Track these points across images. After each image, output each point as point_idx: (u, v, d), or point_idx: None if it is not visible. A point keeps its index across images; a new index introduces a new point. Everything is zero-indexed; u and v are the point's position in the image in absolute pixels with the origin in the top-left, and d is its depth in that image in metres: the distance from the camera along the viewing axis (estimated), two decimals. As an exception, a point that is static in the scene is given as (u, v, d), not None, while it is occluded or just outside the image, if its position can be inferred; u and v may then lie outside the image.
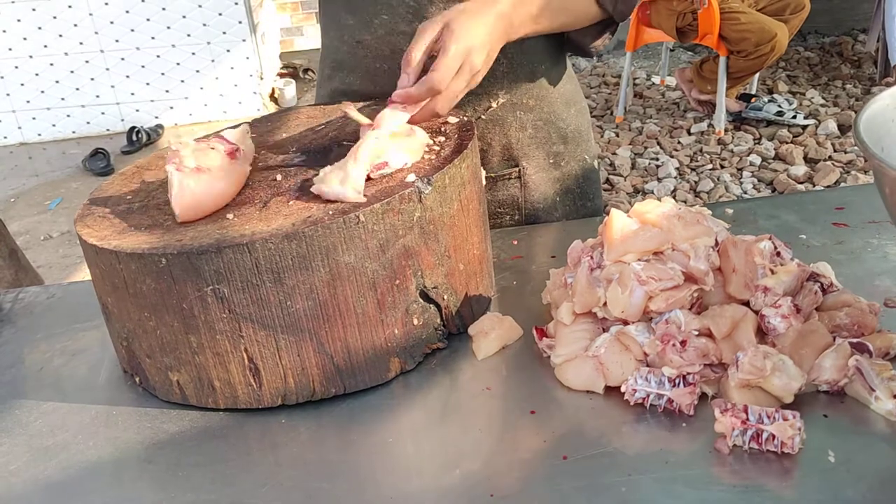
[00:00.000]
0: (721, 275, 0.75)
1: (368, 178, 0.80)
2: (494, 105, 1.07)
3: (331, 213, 0.74)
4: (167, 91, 4.27)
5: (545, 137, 1.11)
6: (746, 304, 0.74)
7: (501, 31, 0.89)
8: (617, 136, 3.80)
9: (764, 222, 1.00)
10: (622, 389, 0.72)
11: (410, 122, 0.85)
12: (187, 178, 0.78)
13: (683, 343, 0.71)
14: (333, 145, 0.92)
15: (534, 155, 1.11)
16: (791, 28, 3.56)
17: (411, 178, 0.79)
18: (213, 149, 0.83)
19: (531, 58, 1.07)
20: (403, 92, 0.84)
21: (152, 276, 0.74)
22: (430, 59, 0.86)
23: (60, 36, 4.12)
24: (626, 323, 0.75)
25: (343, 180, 0.77)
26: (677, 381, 0.70)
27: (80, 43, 4.14)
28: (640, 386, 0.71)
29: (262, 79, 4.32)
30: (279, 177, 0.86)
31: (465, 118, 0.93)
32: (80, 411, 0.81)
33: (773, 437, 0.63)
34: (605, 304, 0.76)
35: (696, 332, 0.72)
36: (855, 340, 0.70)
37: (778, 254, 0.77)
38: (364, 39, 1.06)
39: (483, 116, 1.08)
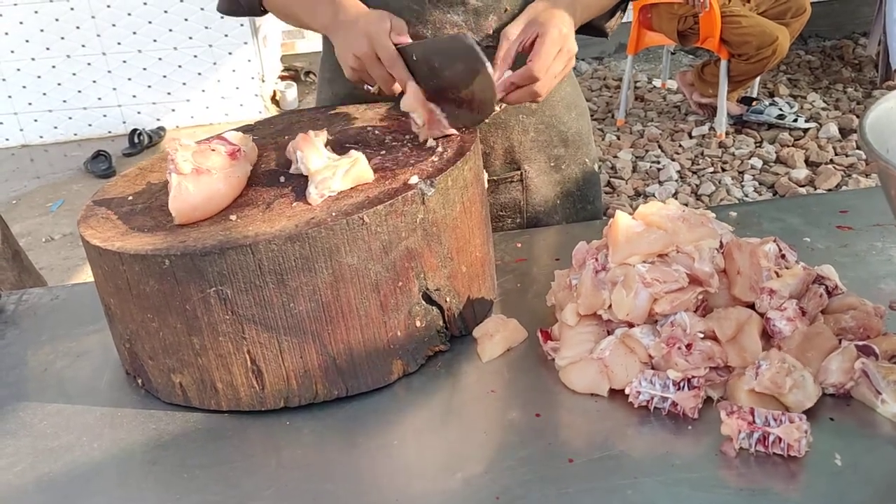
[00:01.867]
0: (726, 277, 0.75)
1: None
2: (497, 108, 1.07)
3: (334, 214, 0.74)
4: (169, 93, 4.27)
5: (547, 141, 1.11)
6: (751, 306, 0.74)
7: (576, 20, 0.94)
8: (618, 139, 3.80)
9: (768, 225, 1.00)
10: (626, 392, 0.72)
11: (507, 101, 0.91)
12: (186, 181, 0.78)
13: (689, 346, 0.71)
14: (336, 147, 0.92)
15: (535, 158, 1.11)
16: (792, 31, 3.56)
17: (414, 179, 0.79)
18: (213, 150, 0.83)
19: None
20: (506, 81, 0.89)
21: (155, 278, 0.74)
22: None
23: (62, 38, 4.12)
24: (631, 325, 0.75)
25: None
26: (682, 384, 0.70)
27: (83, 45, 4.14)
28: (644, 388, 0.71)
29: (263, 81, 4.32)
30: (282, 178, 0.85)
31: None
32: (85, 413, 0.81)
33: (780, 439, 0.63)
34: (609, 306, 0.75)
35: (702, 335, 0.71)
36: (861, 343, 0.70)
37: (783, 256, 0.77)
38: None
39: (486, 120, 1.08)
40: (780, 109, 3.71)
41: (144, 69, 4.21)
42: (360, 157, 0.81)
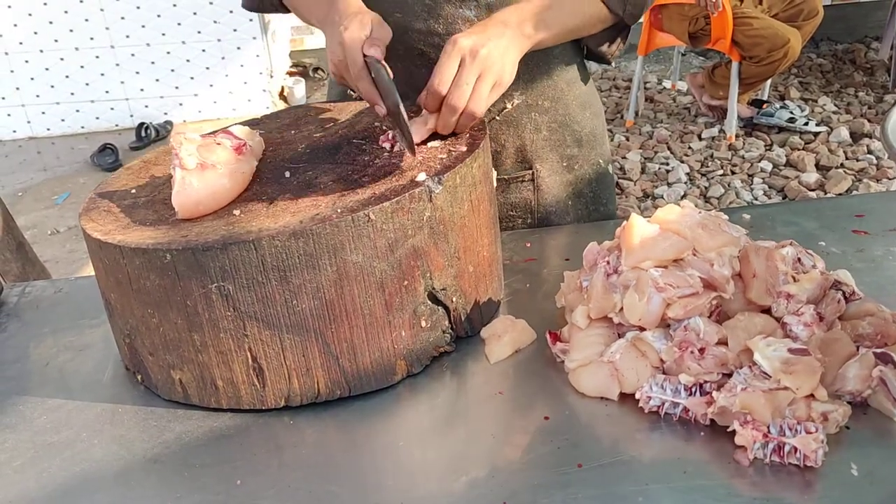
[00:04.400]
0: (741, 281, 0.74)
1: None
2: (509, 106, 1.06)
3: (339, 210, 0.73)
4: (177, 87, 4.27)
5: (559, 140, 1.10)
6: (767, 311, 0.72)
7: (516, 34, 0.89)
8: (627, 140, 3.78)
9: (782, 229, 0.98)
10: (637, 396, 0.70)
11: (439, 130, 0.86)
12: (190, 176, 0.77)
13: (702, 351, 0.69)
14: (343, 143, 0.90)
15: (547, 157, 1.09)
16: (804, 34, 3.53)
17: (422, 177, 0.77)
18: (219, 144, 0.82)
19: (548, 59, 1.06)
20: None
21: (156, 272, 0.73)
22: None
23: (71, 31, 4.12)
24: (642, 329, 0.73)
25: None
26: (693, 389, 0.68)
27: (91, 38, 4.14)
28: (655, 393, 0.69)
29: (271, 77, 4.32)
30: (287, 174, 0.84)
31: (478, 117, 0.92)
32: (86, 408, 0.80)
33: (796, 450, 0.62)
34: (621, 309, 0.74)
35: (716, 341, 0.70)
36: (879, 351, 0.68)
37: (798, 260, 0.75)
38: None
39: (497, 118, 1.06)
40: (791, 112, 3.68)
41: (153, 63, 4.21)
42: None
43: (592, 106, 1.14)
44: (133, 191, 0.87)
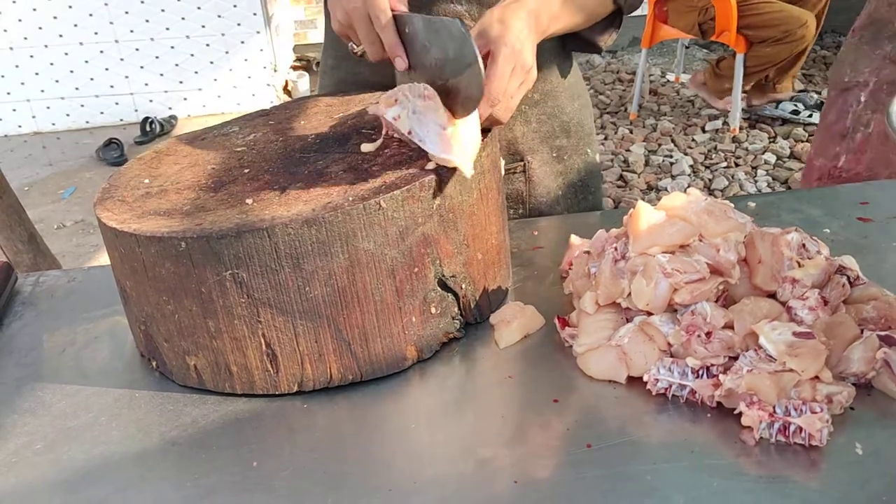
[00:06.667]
0: (747, 266, 0.75)
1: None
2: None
3: (351, 199, 0.74)
4: (181, 82, 4.28)
5: (549, 132, 1.11)
6: (773, 295, 0.73)
7: (534, 27, 0.86)
8: (631, 132, 3.78)
9: (787, 216, 0.99)
10: (644, 379, 0.71)
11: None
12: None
13: (709, 334, 0.70)
14: (353, 132, 0.92)
15: (538, 149, 1.11)
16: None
17: (431, 165, 0.78)
18: None
19: (538, 52, 1.06)
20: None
21: (171, 260, 0.74)
22: None
23: (75, 25, 4.13)
24: (650, 313, 0.74)
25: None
26: (700, 372, 0.69)
27: (95, 33, 4.16)
28: (662, 376, 0.70)
29: (275, 71, 4.32)
30: (299, 163, 0.85)
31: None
32: (103, 394, 0.81)
33: (801, 429, 0.63)
34: (629, 295, 0.75)
35: (722, 325, 0.71)
36: (883, 333, 0.69)
37: (803, 246, 0.76)
38: None
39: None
40: (795, 105, 3.68)
41: (157, 57, 4.22)
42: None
43: (581, 97, 1.15)
44: (146, 181, 0.88)
